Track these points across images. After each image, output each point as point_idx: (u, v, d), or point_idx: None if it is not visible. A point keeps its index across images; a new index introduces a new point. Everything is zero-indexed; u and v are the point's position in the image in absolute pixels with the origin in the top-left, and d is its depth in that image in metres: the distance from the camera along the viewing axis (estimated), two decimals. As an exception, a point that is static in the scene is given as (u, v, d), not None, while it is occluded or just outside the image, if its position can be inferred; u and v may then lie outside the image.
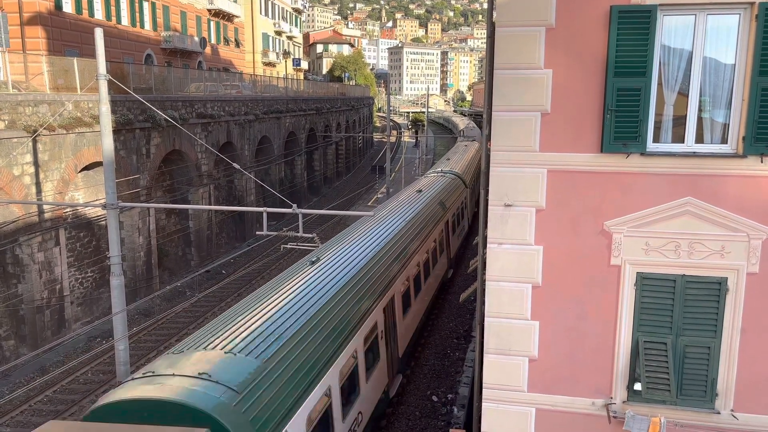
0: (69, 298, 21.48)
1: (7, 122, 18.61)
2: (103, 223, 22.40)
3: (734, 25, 6.93)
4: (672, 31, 7.07)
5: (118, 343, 14.37)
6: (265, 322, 10.10)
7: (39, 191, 19.87)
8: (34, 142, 19.48)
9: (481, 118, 9.25)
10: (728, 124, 7.16)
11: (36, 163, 19.72)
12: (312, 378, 9.53)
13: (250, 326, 9.89)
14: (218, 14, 53.70)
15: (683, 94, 7.19)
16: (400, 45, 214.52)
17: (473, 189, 33.01)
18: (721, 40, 7.01)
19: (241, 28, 60.04)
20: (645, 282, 7.46)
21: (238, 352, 8.93)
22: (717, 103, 7.17)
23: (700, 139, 7.26)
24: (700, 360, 7.49)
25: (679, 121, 7.27)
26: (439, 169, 30.66)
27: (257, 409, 8.00)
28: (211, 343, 9.21)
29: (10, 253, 19.47)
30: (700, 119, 7.23)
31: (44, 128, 19.58)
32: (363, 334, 12.18)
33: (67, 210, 21.71)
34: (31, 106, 19.55)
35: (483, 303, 8.33)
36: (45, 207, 20.04)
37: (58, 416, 15.91)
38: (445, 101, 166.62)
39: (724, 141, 7.21)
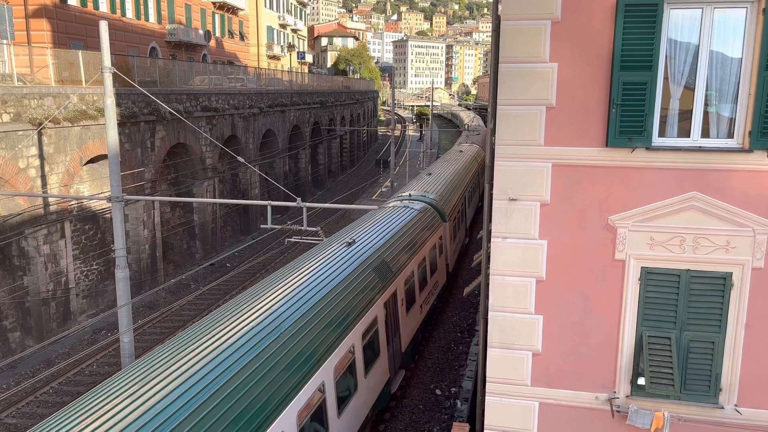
0: (74, 291, 21.59)
1: (12, 115, 18.66)
2: (108, 215, 22.47)
3: (741, 18, 6.88)
4: (678, 24, 7.02)
5: (123, 335, 14.45)
6: None
7: (44, 184, 19.95)
8: (39, 134, 19.53)
9: (486, 112, 9.23)
10: (734, 119, 7.12)
11: (41, 156, 19.79)
12: None
13: None
14: (223, 7, 53.62)
15: (689, 88, 7.16)
16: (404, 38, 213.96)
17: (457, 221, 23.94)
18: (727, 34, 6.96)
19: (245, 21, 59.96)
20: (649, 276, 7.45)
21: None
22: (723, 98, 7.13)
23: (706, 133, 7.23)
24: (704, 355, 7.48)
25: (685, 116, 7.23)
26: (408, 194, 21.68)
27: None
28: None
29: (16, 246, 19.56)
30: (706, 113, 7.19)
31: (49, 121, 19.63)
32: None
33: (73, 203, 21.79)
34: (36, 99, 19.59)
35: (487, 297, 8.33)
36: (50, 200, 20.11)
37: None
38: (450, 95, 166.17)
39: (730, 135, 7.17)
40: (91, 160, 22.56)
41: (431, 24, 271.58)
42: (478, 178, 34.11)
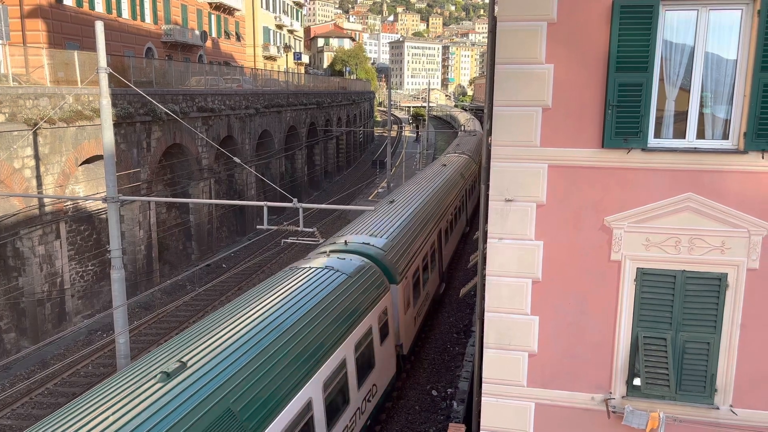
0: (70, 292, 21.52)
1: (7, 115, 18.60)
2: (104, 216, 22.41)
3: (736, 20, 6.91)
4: (674, 26, 7.05)
5: (119, 336, 14.40)
6: None
7: (39, 184, 19.88)
8: (35, 135, 19.47)
9: (482, 113, 9.24)
10: (729, 120, 7.15)
11: (36, 157, 19.72)
12: None
13: None
14: (219, 7, 53.54)
15: (685, 89, 7.18)
16: (401, 39, 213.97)
17: (423, 273, 17.75)
18: (723, 36, 6.99)
19: (242, 22, 59.90)
20: (645, 277, 7.47)
21: None
22: (718, 99, 7.16)
23: (701, 134, 7.25)
24: (700, 355, 7.50)
25: (681, 117, 7.25)
26: (344, 241, 15.38)
27: None
28: None
29: (11, 246, 19.49)
30: (701, 115, 7.22)
31: (45, 121, 19.57)
32: None
33: (68, 203, 21.72)
34: (31, 99, 19.53)
35: (483, 298, 8.34)
36: (46, 200, 20.05)
37: (58, 409, 15.95)
38: (446, 96, 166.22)
39: (725, 137, 7.20)
40: (87, 161, 22.49)
41: (427, 25, 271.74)
42: (465, 199, 28.54)
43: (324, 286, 12.04)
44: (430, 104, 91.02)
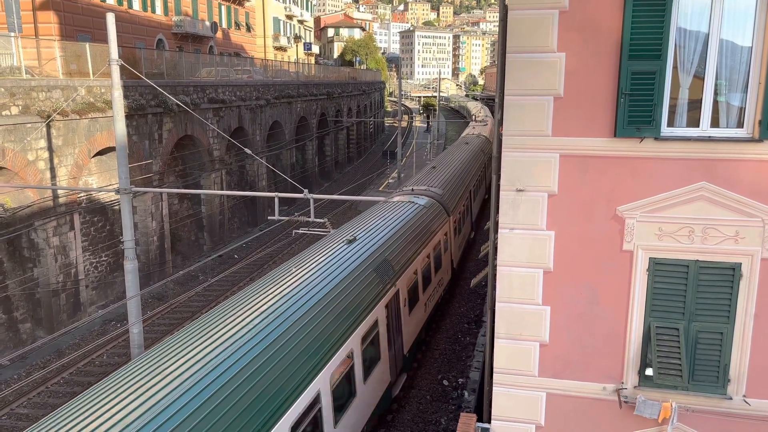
0: (84, 282, 21.75)
1: (21, 107, 18.75)
2: (117, 207, 22.58)
3: (752, 6, 6.80)
4: (688, 13, 6.95)
5: (133, 326, 14.56)
6: None
7: (53, 176, 20.06)
8: (48, 127, 19.62)
9: (494, 103, 9.19)
10: (744, 108, 7.05)
11: (50, 149, 19.89)
12: None
13: None
14: (229, -2, 53.56)
15: (699, 77, 7.09)
16: (411, 28, 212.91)
17: None
18: (738, 22, 6.88)
19: (252, 12, 59.86)
20: (658, 267, 7.42)
21: None
22: (733, 87, 7.06)
23: (715, 123, 7.16)
24: (713, 345, 7.46)
25: (695, 105, 7.17)
26: None
27: None
28: None
29: (26, 238, 19.71)
30: (715, 103, 7.13)
31: (58, 113, 19.71)
32: None
33: (81, 195, 21.91)
34: (44, 92, 19.67)
35: (494, 288, 8.33)
36: (59, 192, 20.23)
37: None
38: (457, 85, 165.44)
39: (739, 125, 7.11)
40: (100, 152, 22.66)
41: (438, 14, 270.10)
42: (391, 333, 13.58)
43: None
44: (442, 94, 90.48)
